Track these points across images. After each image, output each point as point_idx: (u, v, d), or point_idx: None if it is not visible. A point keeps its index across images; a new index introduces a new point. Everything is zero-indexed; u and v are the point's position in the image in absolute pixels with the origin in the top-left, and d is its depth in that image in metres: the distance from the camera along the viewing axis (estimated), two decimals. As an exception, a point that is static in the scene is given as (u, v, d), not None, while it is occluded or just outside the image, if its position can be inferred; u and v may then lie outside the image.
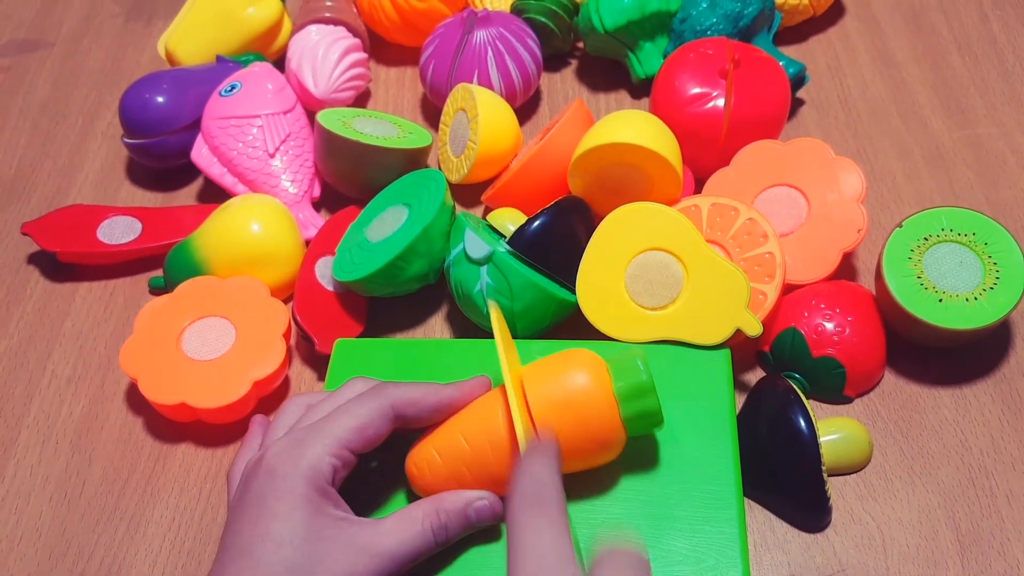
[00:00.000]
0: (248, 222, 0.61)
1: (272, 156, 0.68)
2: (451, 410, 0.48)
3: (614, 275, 0.55)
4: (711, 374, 0.52)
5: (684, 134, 0.62)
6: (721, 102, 0.63)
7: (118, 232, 0.67)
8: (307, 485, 0.43)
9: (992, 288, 0.53)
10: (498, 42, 0.69)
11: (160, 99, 0.69)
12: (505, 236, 0.58)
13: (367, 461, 0.50)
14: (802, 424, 0.50)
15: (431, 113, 0.76)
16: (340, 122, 0.65)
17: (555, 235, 0.56)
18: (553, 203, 0.57)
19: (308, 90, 0.71)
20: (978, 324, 0.52)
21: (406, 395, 0.46)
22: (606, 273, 0.55)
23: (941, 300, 0.53)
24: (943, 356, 0.56)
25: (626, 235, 0.55)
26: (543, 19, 0.73)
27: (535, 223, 0.55)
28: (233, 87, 0.69)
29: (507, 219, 0.60)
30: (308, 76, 0.71)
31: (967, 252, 0.54)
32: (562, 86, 0.77)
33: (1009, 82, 0.73)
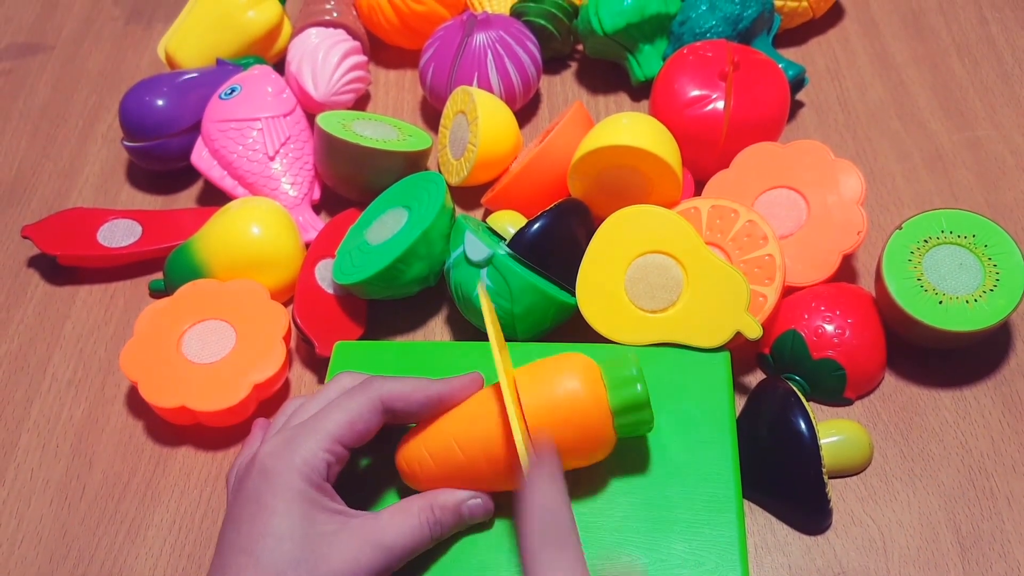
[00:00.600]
0: (248, 225, 0.61)
1: (272, 159, 0.68)
2: (441, 406, 0.47)
3: (614, 278, 0.55)
4: (711, 376, 0.52)
5: (684, 136, 0.62)
6: (721, 104, 0.63)
7: (118, 235, 0.67)
8: (302, 481, 0.43)
9: (992, 290, 0.53)
10: (498, 45, 0.69)
11: (160, 102, 0.69)
12: (505, 239, 0.58)
13: (358, 458, 0.50)
14: (802, 426, 0.50)
15: (431, 116, 0.76)
16: (340, 125, 0.65)
17: (555, 238, 0.56)
18: (553, 205, 0.57)
19: (308, 93, 0.71)
20: (978, 326, 0.52)
21: (395, 389, 0.46)
22: (606, 276, 0.55)
23: (941, 302, 0.53)
24: (943, 358, 0.56)
25: (626, 237, 0.55)
26: (542, 22, 0.73)
27: (535, 226, 0.55)
28: (233, 90, 0.69)
29: (507, 221, 0.60)
30: (308, 79, 0.71)
31: (967, 254, 0.54)
32: (562, 89, 0.77)
33: (1008, 84, 0.73)
